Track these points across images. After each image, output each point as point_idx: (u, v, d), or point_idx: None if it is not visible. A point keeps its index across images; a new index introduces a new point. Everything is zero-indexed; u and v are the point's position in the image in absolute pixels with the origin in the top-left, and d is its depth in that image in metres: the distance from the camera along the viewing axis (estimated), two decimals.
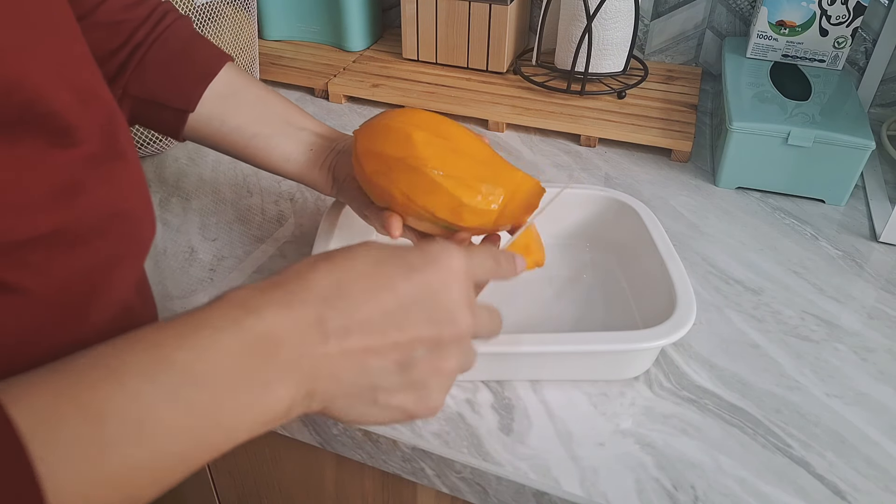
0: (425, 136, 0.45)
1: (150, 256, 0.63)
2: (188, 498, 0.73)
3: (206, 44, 0.54)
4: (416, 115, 0.47)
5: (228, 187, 0.73)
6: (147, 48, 0.50)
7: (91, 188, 0.33)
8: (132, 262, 0.38)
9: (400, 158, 0.45)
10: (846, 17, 0.76)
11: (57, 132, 0.31)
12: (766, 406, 0.48)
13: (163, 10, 0.52)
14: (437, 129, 0.46)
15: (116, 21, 0.49)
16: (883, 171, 0.75)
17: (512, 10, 0.86)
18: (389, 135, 0.46)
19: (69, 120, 0.31)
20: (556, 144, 0.80)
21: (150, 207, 0.40)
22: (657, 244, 0.54)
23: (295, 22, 1.00)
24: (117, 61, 0.50)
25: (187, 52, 0.52)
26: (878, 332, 0.55)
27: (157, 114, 0.52)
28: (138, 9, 0.51)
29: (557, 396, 0.49)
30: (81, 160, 0.33)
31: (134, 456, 0.26)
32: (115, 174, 0.36)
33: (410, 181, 0.45)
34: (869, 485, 0.43)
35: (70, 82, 0.32)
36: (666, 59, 0.95)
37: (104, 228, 0.35)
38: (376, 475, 0.55)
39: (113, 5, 0.49)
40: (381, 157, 0.46)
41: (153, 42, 0.51)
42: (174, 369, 0.27)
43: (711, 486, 0.43)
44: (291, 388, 0.30)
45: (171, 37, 0.52)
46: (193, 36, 0.53)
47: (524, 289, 0.57)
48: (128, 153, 0.37)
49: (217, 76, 0.53)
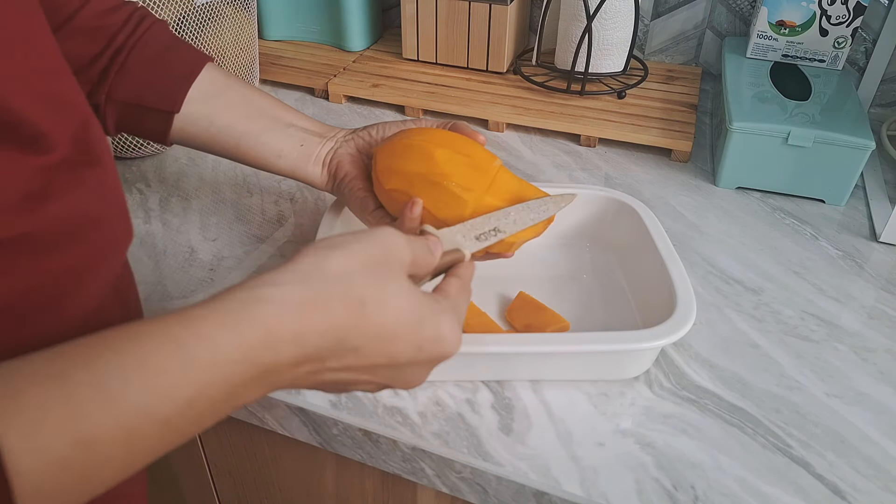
0: (446, 153, 0.47)
1: (150, 256, 0.63)
2: (188, 498, 0.73)
3: (185, 45, 0.54)
4: (436, 133, 0.49)
5: (228, 187, 0.73)
6: (127, 52, 0.51)
7: (62, 194, 0.34)
8: (106, 266, 0.38)
9: (422, 174, 0.47)
10: (846, 17, 0.76)
11: (26, 139, 0.31)
12: (766, 406, 0.48)
13: (140, 15, 0.52)
14: (457, 146, 0.48)
15: (94, 27, 0.50)
16: (883, 171, 0.75)
17: (512, 10, 0.86)
18: (412, 153, 0.48)
19: (39, 127, 0.31)
20: (556, 144, 0.80)
21: (125, 212, 0.40)
22: (657, 244, 0.54)
23: (295, 22, 1.00)
24: (99, 67, 0.50)
25: (168, 53, 0.52)
26: (878, 332, 0.55)
27: (142, 117, 0.52)
28: (115, 14, 0.51)
29: (557, 396, 0.49)
30: (52, 166, 0.33)
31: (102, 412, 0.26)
32: (88, 180, 0.36)
33: (432, 196, 0.47)
34: (869, 485, 0.43)
35: (40, 90, 0.32)
36: (666, 59, 0.95)
37: (75, 233, 0.35)
38: (376, 475, 0.55)
39: (90, 11, 0.49)
40: (402, 174, 0.48)
41: (133, 46, 0.51)
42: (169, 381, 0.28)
43: (711, 486, 0.43)
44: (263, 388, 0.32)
45: (150, 40, 0.52)
46: (172, 39, 0.54)
47: (524, 288, 0.57)
48: (103, 159, 0.37)
49: (199, 76, 0.53)
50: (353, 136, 0.55)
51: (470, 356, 0.48)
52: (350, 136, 0.55)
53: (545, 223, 0.49)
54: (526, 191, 0.49)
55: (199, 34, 0.76)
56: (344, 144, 0.55)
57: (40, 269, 0.33)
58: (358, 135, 0.55)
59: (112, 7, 0.51)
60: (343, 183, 0.54)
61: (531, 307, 0.55)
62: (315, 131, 0.56)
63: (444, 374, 0.50)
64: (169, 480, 0.73)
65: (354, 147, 0.55)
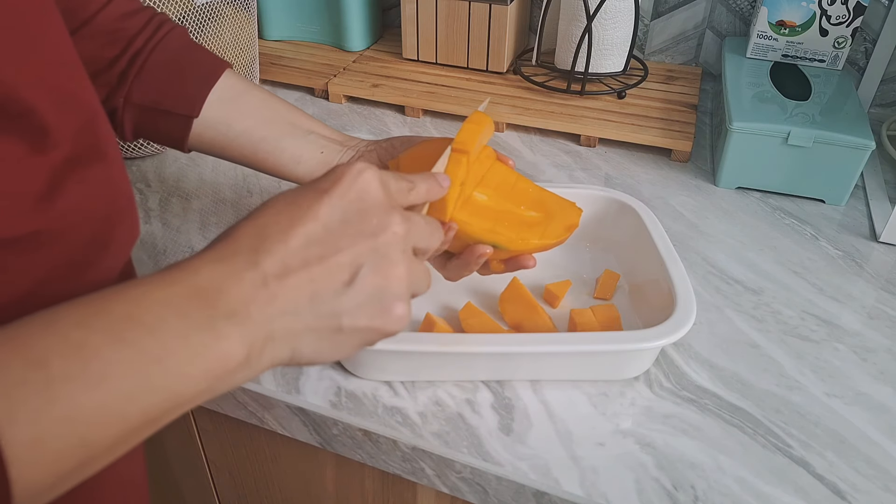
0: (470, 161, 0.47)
1: (150, 256, 0.63)
2: (188, 498, 0.73)
3: (204, 51, 0.54)
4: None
5: (228, 187, 0.73)
6: (146, 56, 0.50)
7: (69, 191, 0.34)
8: (112, 262, 0.38)
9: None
10: (846, 17, 0.76)
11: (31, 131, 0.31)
12: (766, 406, 0.48)
13: (159, 20, 0.52)
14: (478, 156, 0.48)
15: (113, 30, 0.50)
16: (883, 171, 0.75)
17: (512, 10, 0.86)
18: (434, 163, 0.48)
19: (45, 120, 0.32)
20: (556, 144, 0.80)
21: (132, 208, 0.40)
22: (657, 244, 0.54)
23: (295, 22, 1.00)
24: (117, 70, 0.50)
25: (187, 58, 0.52)
26: (878, 332, 0.55)
27: (161, 121, 0.52)
28: (134, 18, 0.51)
29: (557, 396, 0.49)
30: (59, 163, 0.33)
31: (83, 396, 0.26)
32: (94, 176, 0.36)
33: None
34: (869, 485, 0.43)
35: (49, 83, 0.32)
36: (666, 59, 0.95)
37: (82, 229, 0.35)
38: (376, 475, 0.55)
39: (110, 14, 0.49)
40: None
41: (152, 50, 0.51)
42: (112, 317, 0.28)
43: (711, 486, 0.43)
44: (245, 334, 0.30)
45: (169, 44, 0.52)
46: (191, 44, 0.54)
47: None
48: (109, 155, 0.37)
49: (218, 81, 0.52)
50: (376, 146, 0.55)
51: (470, 356, 0.48)
52: (372, 146, 0.55)
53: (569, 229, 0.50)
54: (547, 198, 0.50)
55: (199, 34, 0.76)
56: (366, 154, 0.54)
57: (48, 266, 0.33)
58: (380, 146, 0.55)
59: (131, 11, 0.51)
60: None
61: (524, 303, 0.54)
62: (335, 139, 0.55)
63: (445, 375, 0.50)
64: (169, 480, 0.73)
65: (377, 157, 0.54)
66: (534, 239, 0.48)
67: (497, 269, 0.50)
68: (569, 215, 0.50)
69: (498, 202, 0.48)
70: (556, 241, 0.49)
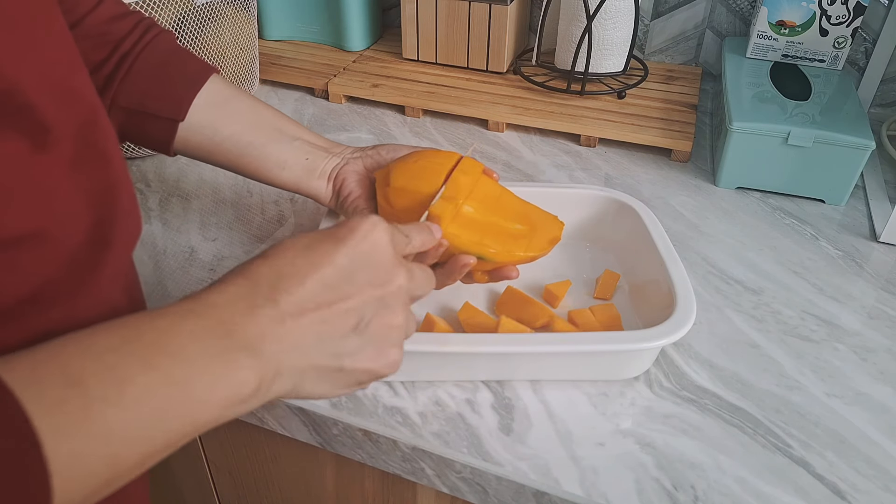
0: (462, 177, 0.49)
1: (150, 256, 0.63)
2: (188, 498, 0.73)
3: (191, 55, 0.54)
4: (451, 157, 0.51)
5: (228, 187, 0.73)
6: (133, 59, 0.51)
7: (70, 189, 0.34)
8: (116, 261, 0.38)
9: (433, 196, 0.48)
10: (846, 17, 0.76)
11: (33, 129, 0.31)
12: (766, 406, 0.48)
13: (146, 24, 0.53)
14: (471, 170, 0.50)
15: (102, 32, 0.50)
16: (883, 171, 0.75)
17: (512, 10, 0.86)
18: (425, 175, 0.49)
19: (45, 117, 0.32)
20: (556, 144, 0.80)
21: (134, 207, 0.40)
22: (657, 244, 0.54)
23: (295, 22, 1.00)
24: (104, 73, 0.50)
25: (174, 62, 0.53)
26: (878, 332, 0.55)
27: (146, 125, 0.52)
28: (122, 21, 0.51)
29: (557, 396, 0.49)
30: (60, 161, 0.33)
31: (118, 416, 0.27)
32: (95, 175, 0.36)
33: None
34: (869, 485, 0.43)
35: (51, 80, 0.33)
36: (666, 59, 0.95)
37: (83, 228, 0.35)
38: (376, 475, 0.55)
39: (98, 18, 0.50)
40: (416, 194, 0.49)
41: (139, 53, 0.51)
42: (142, 344, 0.29)
43: (711, 486, 0.43)
44: (258, 367, 0.31)
45: (156, 48, 0.52)
46: (178, 48, 0.54)
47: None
48: (109, 153, 0.37)
49: (205, 86, 0.53)
50: (362, 154, 0.55)
51: (470, 356, 0.48)
52: (358, 153, 0.55)
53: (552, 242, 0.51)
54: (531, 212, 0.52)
55: (199, 34, 0.76)
56: (351, 161, 0.55)
57: (52, 265, 0.33)
58: (367, 154, 0.55)
59: (120, 14, 0.51)
60: (347, 201, 0.53)
61: (519, 300, 0.55)
62: (321, 146, 0.55)
63: (445, 375, 0.50)
64: (169, 480, 0.73)
65: (362, 166, 0.54)
66: (519, 251, 0.49)
67: (481, 279, 0.52)
68: (551, 229, 0.52)
69: (484, 215, 0.49)
70: (540, 253, 0.51)
